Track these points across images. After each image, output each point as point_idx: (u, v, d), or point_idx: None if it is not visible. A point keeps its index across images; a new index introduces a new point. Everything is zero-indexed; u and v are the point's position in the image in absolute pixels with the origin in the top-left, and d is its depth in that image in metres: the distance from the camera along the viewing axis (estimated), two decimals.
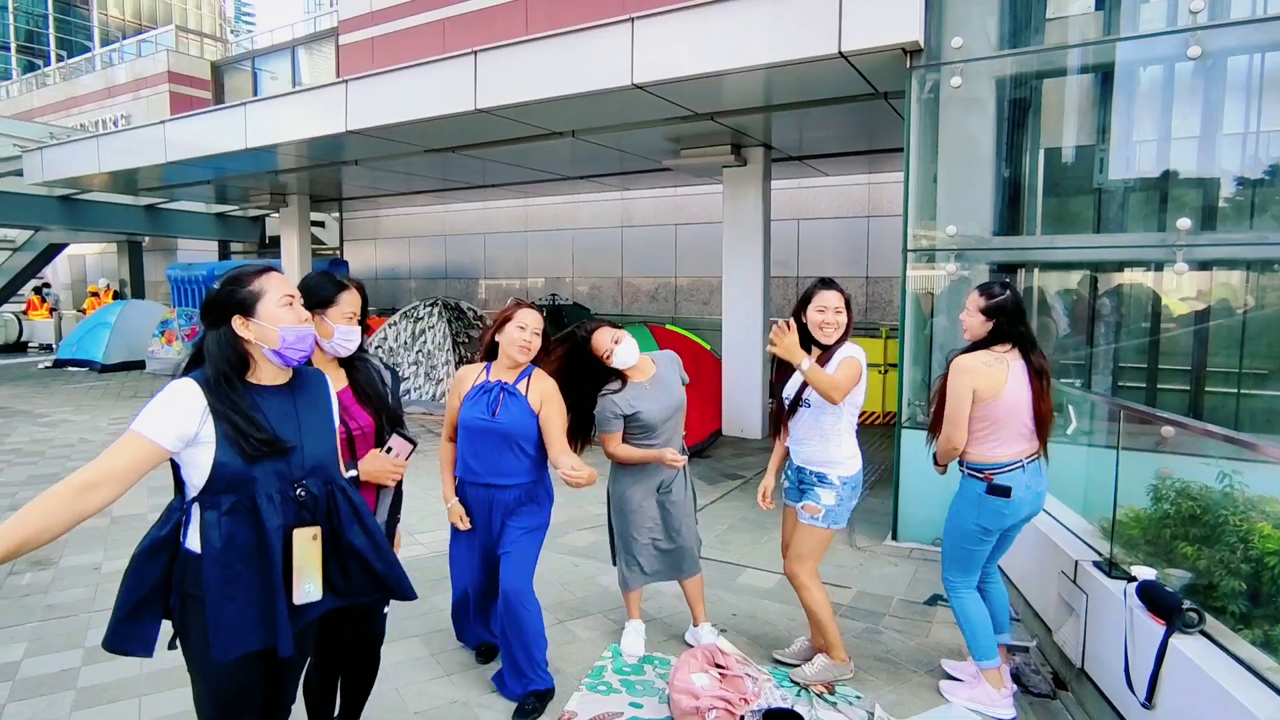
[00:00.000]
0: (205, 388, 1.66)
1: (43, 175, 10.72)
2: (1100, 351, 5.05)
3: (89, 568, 4.27)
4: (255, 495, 1.66)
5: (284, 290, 1.74)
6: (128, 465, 1.60)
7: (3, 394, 10.73)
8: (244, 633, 1.66)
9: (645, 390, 3.12)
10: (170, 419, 1.62)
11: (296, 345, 1.73)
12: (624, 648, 3.30)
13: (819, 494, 2.97)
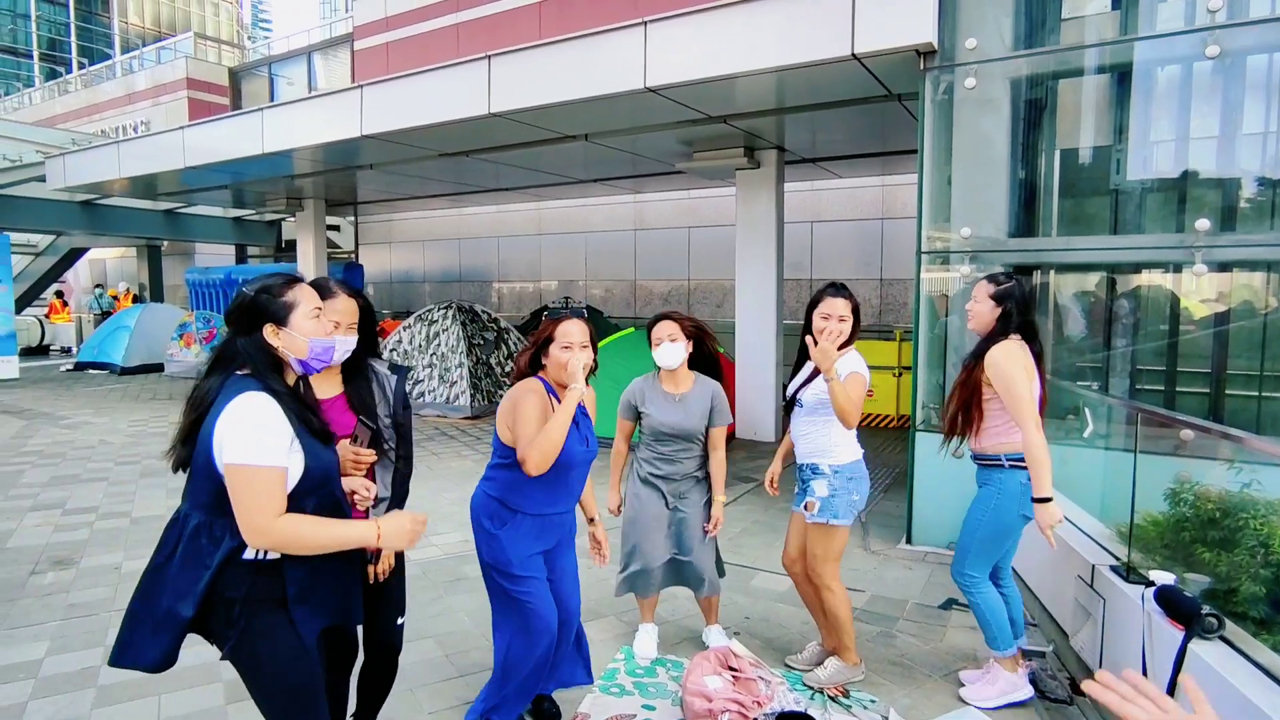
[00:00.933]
0: (275, 396, 1.68)
1: (65, 181, 10.89)
2: (1117, 354, 5.00)
3: (110, 568, 4.32)
4: (334, 489, 1.79)
5: (314, 302, 1.82)
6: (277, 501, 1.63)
7: (26, 396, 10.90)
8: (317, 621, 1.78)
9: (667, 399, 3.10)
10: (274, 438, 1.64)
11: (322, 356, 1.82)
12: (636, 650, 3.30)
13: (813, 486, 2.97)
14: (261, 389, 1.67)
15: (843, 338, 2.91)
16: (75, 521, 5.17)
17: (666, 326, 3.04)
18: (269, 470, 1.61)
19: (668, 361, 3.03)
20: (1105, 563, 2.99)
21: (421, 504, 5.55)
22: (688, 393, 3.11)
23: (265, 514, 1.60)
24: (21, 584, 4.08)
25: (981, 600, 2.88)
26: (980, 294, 2.87)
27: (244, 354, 1.72)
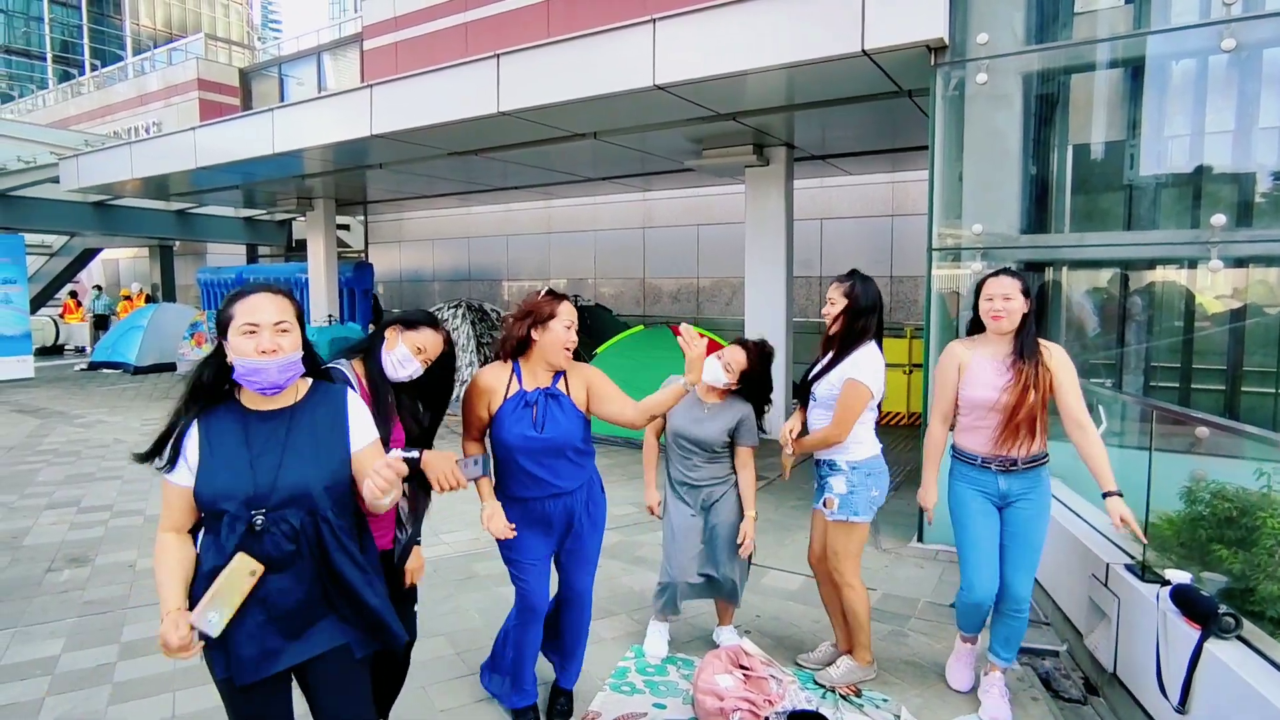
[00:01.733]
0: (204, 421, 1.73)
1: (78, 182, 10.98)
2: (1131, 351, 4.96)
3: (124, 565, 4.36)
4: (230, 524, 1.66)
5: (249, 318, 1.64)
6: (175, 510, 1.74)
7: (41, 395, 11.00)
8: (218, 659, 1.69)
9: (692, 404, 3.08)
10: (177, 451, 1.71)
11: (248, 377, 1.65)
12: (647, 649, 3.30)
13: (831, 483, 2.96)
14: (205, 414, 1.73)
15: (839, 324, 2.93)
16: (90, 519, 5.22)
17: (737, 354, 3.03)
18: (165, 484, 1.73)
19: (707, 377, 2.99)
20: (1120, 561, 2.97)
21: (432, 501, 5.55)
22: (715, 404, 3.10)
23: (160, 525, 1.73)
24: (38, 581, 4.12)
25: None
26: (1013, 290, 2.70)
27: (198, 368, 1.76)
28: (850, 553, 2.97)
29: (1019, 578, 2.79)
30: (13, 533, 4.93)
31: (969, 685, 2.98)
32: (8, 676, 3.10)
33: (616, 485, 5.97)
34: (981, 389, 2.74)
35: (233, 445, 1.68)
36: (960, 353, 2.85)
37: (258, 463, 1.68)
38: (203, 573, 1.69)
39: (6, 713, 2.84)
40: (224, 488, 1.66)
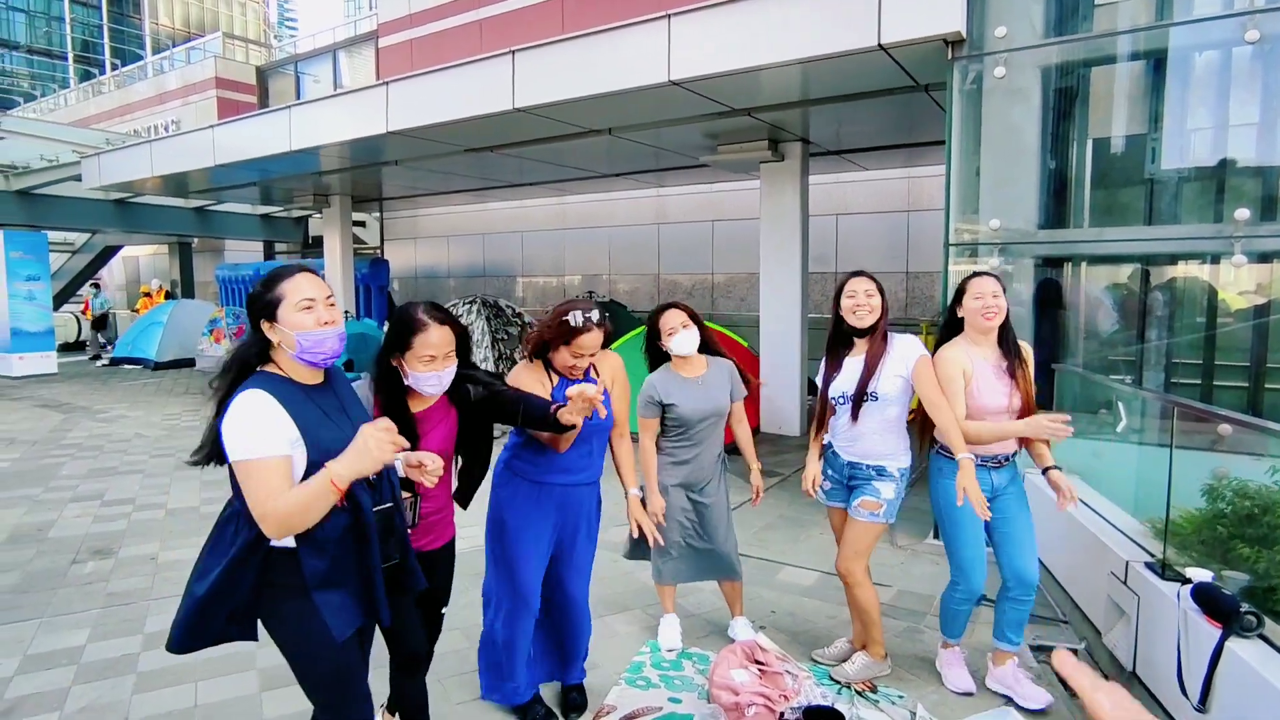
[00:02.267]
0: (271, 391, 1.70)
1: (100, 180, 11.12)
2: (1152, 347, 4.90)
3: (147, 558, 4.43)
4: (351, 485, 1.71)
5: (304, 294, 1.72)
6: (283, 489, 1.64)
7: (64, 391, 11.17)
8: (351, 613, 1.78)
9: (688, 385, 3.11)
10: (271, 429, 1.65)
11: (313, 349, 1.73)
12: (661, 641, 3.31)
13: (878, 488, 2.91)
14: (258, 385, 1.69)
15: (876, 312, 2.90)
16: (113, 513, 5.30)
17: (677, 315, 3.06)
18: (266, 461, 1.63)
19: (686, 348, 3.05)
20: (1139, 559, 2.94)
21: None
22: (706, 374, 3.14)
23: (263, 504, 1.61)
24: (63, 573, 4.20)
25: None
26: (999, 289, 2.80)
27: (240, 345, 1.77)
28: (868, 552, 2.99)
29: (1028, 563, 2.82)
30: (38, 525, 5.02)
31: (973, 686, 2.95)
32: (35, 666, 3.16)
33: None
34: (993, 396, 2.79)
35: (312, 410, 1.74)
36: (961, 359, 2.81)
37: (342, 426, 1.76)
38: (319, 542, 1.71)
39: (34, 701, 2.90)
40: (334, 444, 1.67)
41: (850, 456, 2.98)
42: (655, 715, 2.78)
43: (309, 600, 1.72)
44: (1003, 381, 2.78)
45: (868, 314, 2.89)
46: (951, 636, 3.05)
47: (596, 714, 2.79)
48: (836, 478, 3.06)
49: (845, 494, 3.03)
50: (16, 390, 11.22)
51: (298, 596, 1.72)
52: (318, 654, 1.76)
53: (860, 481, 2.97)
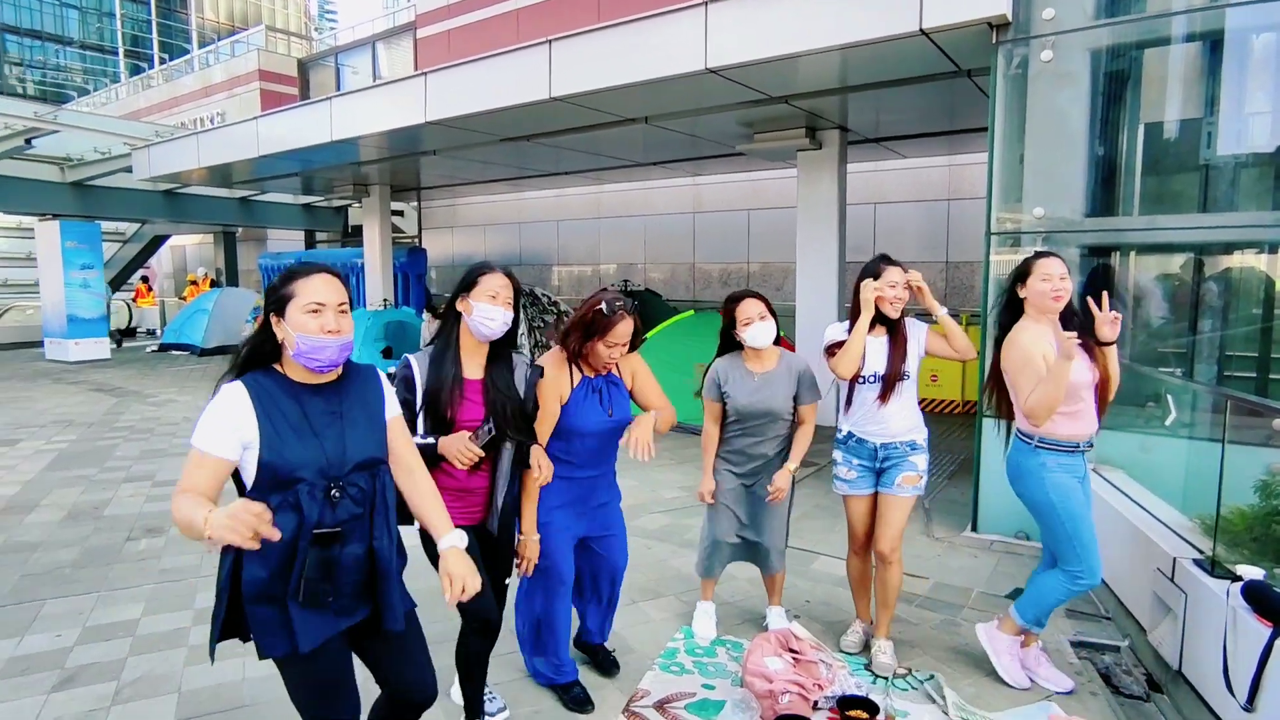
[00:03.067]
0: (254, 389, 1.70)
1: (150, 171, 11.45)
2: (1204, 339, 4.75)
3: None
4: (299, 493, 1.67)
5: (315, 297, 1.69)
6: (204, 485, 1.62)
7: (117, 375, 11.57)
8: (281, 634, 1.70)
9: (747, 379, 3.07)
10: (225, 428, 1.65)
11: (310, 354, 1.68)
12: (695, 629, 3.33)
13: (914, 462, 2.98)
14: (246, 380, 1.70)
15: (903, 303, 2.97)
16: (164, 493, 5.49)
17: (756, 305, 3.00)
18: (203, 456, 1.63)
19: (761, 340, 2.99)
20: (1187, 556, 2.87)
21: None
22: (771, 371, 3.07)
23: (179, 492, 1.59)
24: (118, 549, 4.37)
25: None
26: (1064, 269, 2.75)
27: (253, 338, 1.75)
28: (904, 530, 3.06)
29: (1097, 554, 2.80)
30: (94, 504, 5.23)
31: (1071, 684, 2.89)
32: (94, 637, 3.31)
33: (667, 469, 6.00)
34: (1079, 371, 2.67)
35: (294, 416, 1.70)
36: (1043, 343, 2.72)
37: (323, 433, 1.72)
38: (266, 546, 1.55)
39: (94, 670, 3.03)
40: (298, 457, 1.67)
41: (883, 439, 2.99)
42: (689, 701, 2.80)
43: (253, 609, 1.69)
44: (1082, 358, 2.68)
45: (900, 305, 2.97)
46: (1039, 627, 2.93)
47: (631, 699, 2.82)
48: (865, 465, 3.03)
49: (873, 480, 3.04)
50: (73, 375, 11.66)
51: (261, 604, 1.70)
52: (286, 665, 1.75)
53: (896, 460, 2.99)
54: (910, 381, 2.98)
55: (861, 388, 3.00)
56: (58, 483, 5.74)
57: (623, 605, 3.63)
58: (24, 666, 3.05)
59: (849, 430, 3.06)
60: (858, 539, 3.16)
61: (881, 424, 2.98)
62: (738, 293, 3.08)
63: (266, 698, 2.81)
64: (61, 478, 5.88)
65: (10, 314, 16.90)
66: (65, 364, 12.89)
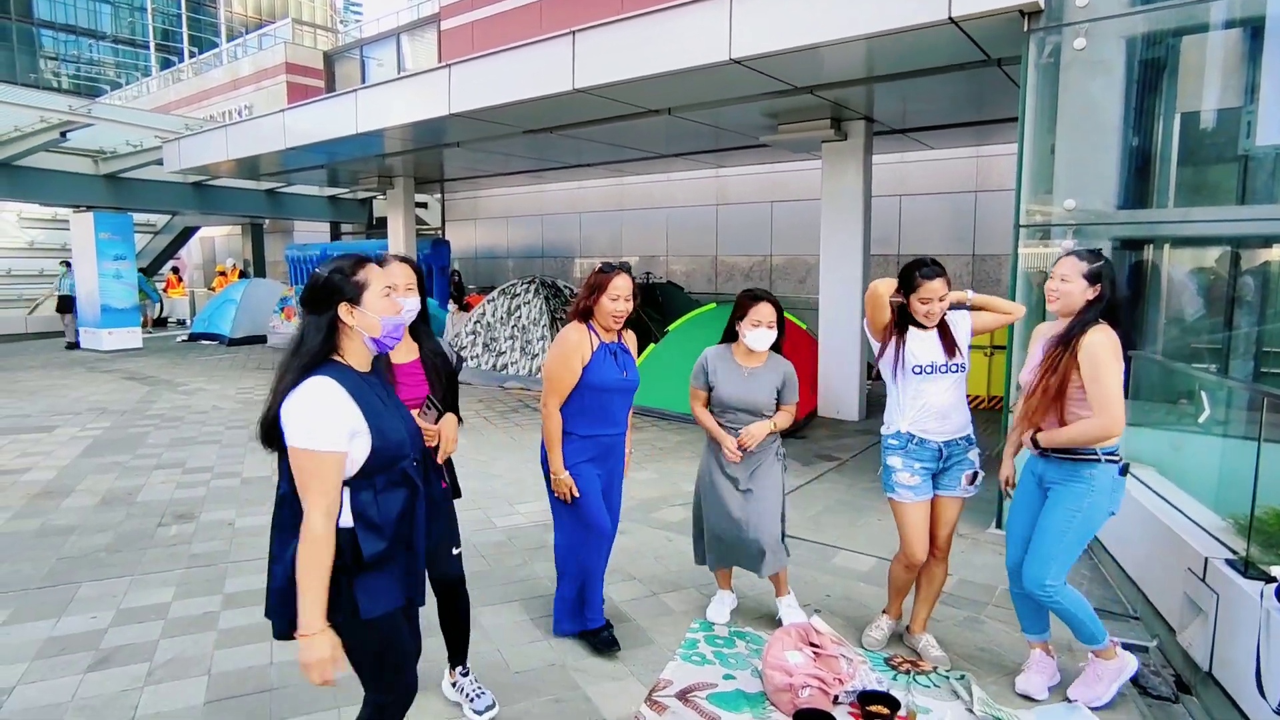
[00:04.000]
0: (342, 379, 1.72)
1: (180, 163, 11.63)
2: (1240, 335, 4.63)
3: (225, 523, 4.67)
4: (405, 466, 1.83)
5: (385, 281, 1.83)
6: (335, 484, 1.70)
7: (148, 365, 11.80)
8: (394, 592, 1.82)
9: (735, 372, 3.14)
10: (334, 422, 1.68)
11: (394, 334, 1.84)
12: (710, 616, 3.36)
13: (972, 458, 2.96)
14: (327, 374, 1.71)
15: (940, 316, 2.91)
16: (194, 480, 5.60)
17: (770, 311, 3.08)
18: (324, 455, 1.66)
19: (760, 345, 3.10)
20: (1220, 555, 2.81)
21: (506, 474, 5.73)
22: (759, 367, 3.15)
23: (314, 499, 1.65)
24: (150, 534, 4.46)
25: (1067, 603, 2.65)
26: (1070, 272, 2.60)
27: (307, 333, 1.74)
28: None
29: (1028, 563, 2.70)
30: (127, 490, 5.34)
31: (1040, 692, 2.80)
32: (127, 619, 3.39)
33: (687, 461, 6.01)
34: (1026, 370, 2.75)
35: (375, 400, 1.78)
36: (1038, 334, 2.83)
37: (393, 411, 1.84)
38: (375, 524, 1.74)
39: (127, 651, 3.11)
40: (398, 436, 1.80)
41: (943, 436, 2.91)
42: (711, 691, 2.81)
43: (352, 579, 1.74)
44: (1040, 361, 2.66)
45: (937, 319, 2.91)
46: (1021, 627, 2.91)
47: (653, 688, 2.83)
48: (927, 468, 2.93)
49: (933, 482, 2.97)
50: (107, 364, 11.91)
51: (344, 575, 1.73)
52: (361, 631, 1.77)
53: (957, 458, 2.94)
54: (964, 375, 2.94)
55: (917, 379, 2.89)
56: (92, 469, 5.87)
57: (643, 597, 3.65)
58: (61, 647, 3.13)
59: (909, 432, 2.93)
60: (916, 554, 2.97)
61: (943, 419, 2.90)
62: (759, 291, 3.14)
63: (295, 681, 2.86)
64: (96, 464, 6.01)
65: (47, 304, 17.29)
66: (99, 353, 13.17)
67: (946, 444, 2.92)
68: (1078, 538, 2.62)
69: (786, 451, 3.34)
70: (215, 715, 2.66)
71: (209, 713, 2.67)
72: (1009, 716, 2.61)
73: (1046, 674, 2.85)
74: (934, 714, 2.63)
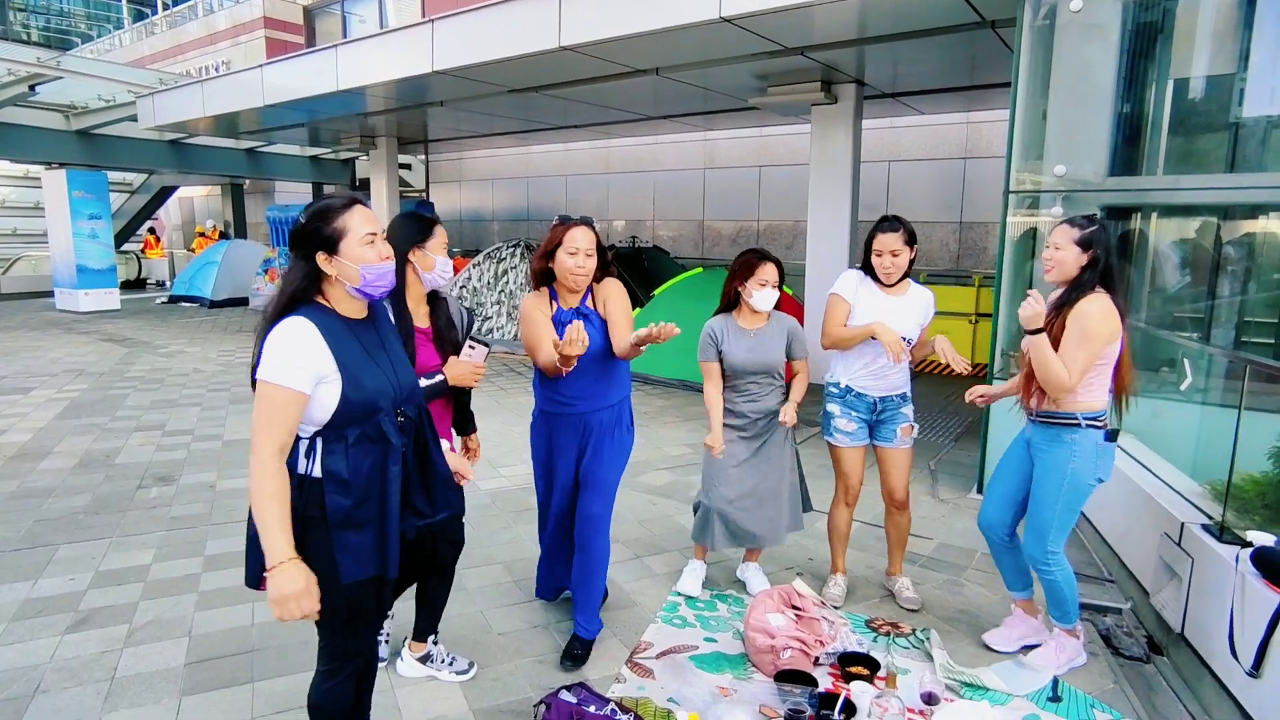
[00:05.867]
0: (317, 322, 1.67)
1: (155, 120, 11.31)
2: (1222, 303, 4.65)
3: (205, 486, 4.63)
4: (381, 423, 1.72)
5: (366, 228, 1.72)
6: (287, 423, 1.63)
7: (127, 326, 11.62)
8: (365, 558, 1.72)
9: (743, 336, 3.10)
10: (301, 361, 1.63)
11: (377, 282, 1.73)
12: (681, 588, 3.31)
13: (906, 413, 3.17)
14: (305, 314, 1.67)
15: (902, 271, 3.08)
16: (174, 442, 5.54)
17: (773, 271, 3.06)
18: (282, 390, 1.60)
19: (766, 305, 3.07)
20: (1196, 521, 2.85)
21: (490, 438, 5.71)
22: (764, 327, 3.12)
23: (258, 427, 1.60)
24: (129, 497, 4.42)
25: (1061, 576, 2.68)
26: (1063, 240, 2.58)
27: (289, 274, 1.71)
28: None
29: (1028, 535, 2.74)
30: (106, 452, 5.28)
31: (1004, 645, 2.88)
32: (107, 581, 3.36)
33: (672, 426, 6.00)
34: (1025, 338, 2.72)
35: (356, 349, 1.72)
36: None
37: (381, 365, 1.77)
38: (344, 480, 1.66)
39: (107, 613, 3.09)
40: (376, 387, 1.71)
41: (879, 393, 3.14)
42: (691, 654, 2.83)
43: (327, 533, 1.69)
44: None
45: (896, 273, 3.07)
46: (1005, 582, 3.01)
47: (634, 650, 2.86)
48: (863, 418, 3.18)
49: (868, 432, 3.20)
50: (83, 325, 11.71)
51: (323, 529, 1.69)
52: (331, 589, 1.70)
53: (890, 412, 3.16)
54: (911, 346, 3.09)
55: (872, 344, 3.06)
56: (69, 431, 5.80)
57: (627, 559, 3.67)
58: (39, 609, 3.11)
59: (846, 384, 3.17)
60: (852, 489, 3.27)
61: (881, 379, 3.12)
62: (763, 251, 3.10)
63: (276, 642, 2.86)
64: (73, 426, 5.93)
65: (20, 264, 16.94)
66: (75, 314, 12.95)
67: (881, 399, 3.15)
68: (1068, 506, 2.64)
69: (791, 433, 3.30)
70: (196, 676, 2.65)
71: (189, 674, 2.67)
72: (970, 678, 2.65)
73: (1020, 631, 2.92)
74: (912, 674, 2.67)
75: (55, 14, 48.24)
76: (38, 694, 2.53)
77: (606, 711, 2.33)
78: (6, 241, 18.80)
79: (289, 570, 1.60)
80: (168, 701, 2.51)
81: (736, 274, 3.09)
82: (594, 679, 2.65)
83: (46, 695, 2.53)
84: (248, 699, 2.53)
